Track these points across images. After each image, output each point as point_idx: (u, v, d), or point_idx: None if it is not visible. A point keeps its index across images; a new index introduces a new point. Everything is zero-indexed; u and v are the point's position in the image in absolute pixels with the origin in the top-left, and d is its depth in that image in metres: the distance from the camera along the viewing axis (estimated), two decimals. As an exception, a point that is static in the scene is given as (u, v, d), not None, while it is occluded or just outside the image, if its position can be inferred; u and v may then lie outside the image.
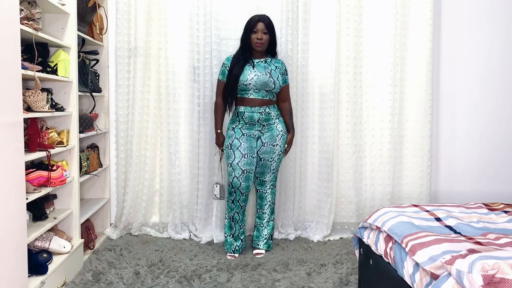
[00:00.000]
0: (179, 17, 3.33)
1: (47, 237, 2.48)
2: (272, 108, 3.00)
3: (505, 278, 1.31)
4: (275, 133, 2.98)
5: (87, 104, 3.28)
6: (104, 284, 2.51)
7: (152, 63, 3.36)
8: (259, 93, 2.93)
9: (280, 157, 3.05)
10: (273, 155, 3.00)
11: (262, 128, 2.98)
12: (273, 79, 2.94)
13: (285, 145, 3.03)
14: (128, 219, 3.40)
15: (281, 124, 3.02)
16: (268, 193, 3.09)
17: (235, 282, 2.56)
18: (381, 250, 2.05)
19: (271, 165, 3.03)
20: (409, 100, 3.43)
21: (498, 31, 3.52)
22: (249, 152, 2.95)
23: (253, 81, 2.90)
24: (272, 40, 2.99)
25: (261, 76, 2.91)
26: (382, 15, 3.37)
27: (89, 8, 2.98)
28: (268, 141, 2.98)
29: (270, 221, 3.12)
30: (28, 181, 2.24)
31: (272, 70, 2.96)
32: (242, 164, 2.92)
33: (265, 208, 3.10)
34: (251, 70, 2.93)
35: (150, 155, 3.39)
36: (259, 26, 2.91)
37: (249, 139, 2.96)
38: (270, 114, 2.97)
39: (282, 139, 3.00)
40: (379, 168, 3.46)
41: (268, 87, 2.92)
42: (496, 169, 3.59)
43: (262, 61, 2.99)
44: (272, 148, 2.98)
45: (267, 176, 3.06)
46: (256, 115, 2.94)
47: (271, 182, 3.09)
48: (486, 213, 2.19)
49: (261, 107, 2.95)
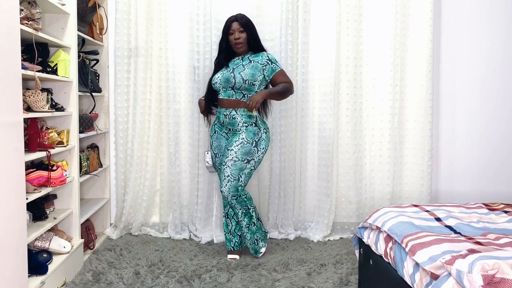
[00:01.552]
0: (179, 17, 3.33)
1: (47, 237, 2.48)
2: (240, 112, 2.85)
3: (505, 278, 1.31)
4: (235, 138, 2.85)
5: (87, 104, 3.28)
6: (104, 284, 2.51)
7: (153, 63, 3.36)
8: (226, 92, 2.89)
9: (236, 163, 2.79)
10: (226, 160, 2.83)
11: (228, 131, 2.93)
12: (234, 74, 2.83)
13: (244, 155, 2.80)
14: (128, 219, 3.40)
15: (246, 133, 2.83)
16: (234, 203, 2.85)
17: (235, 282, 2.56)
18: (381, 250, 2.05)
19: (224, 170, 2.82)
20: (409, 100, 3.43)
21: (498, 31, 3.52)
22: (219, 151, 2.98)
23: (218, 80, 2.89)
24: (251, 38, 2.92)
25: (225, 73, 2.88)
26: (382, 15, 3.37)
27: (89, 8, 2.98)
28: (227, 145, 2.89)
29: (250, 225, 2.93)
30: (28, 181, 2.24)
31: (241, 65, 2.88)
32: (218, 163, 3.00)
33: (239, 216, 2.90)
34: (222, 70, 2.93)
35: (151, 155, 3.40)
36: (234, 27, 2.89)
37: (219, 137, 2.97)
38: (235, 119, 2.86)
39: (240, 146, 2.80)
40: (379, 168, 3.46)
41: (230, 83, 2.85)
42: (496, 169, 3.59)
43: (238, 59, 2.95)
44: (226, 151, 2.85)
45: (223, 184, 2.82)
46: (222, 116, 2.92)
47: (230, 192, 2.80)
48: (486, 213, 2.19)
49: (227, 109, 2.89)
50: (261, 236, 3.00)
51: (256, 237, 2.97)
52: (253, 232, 2.96)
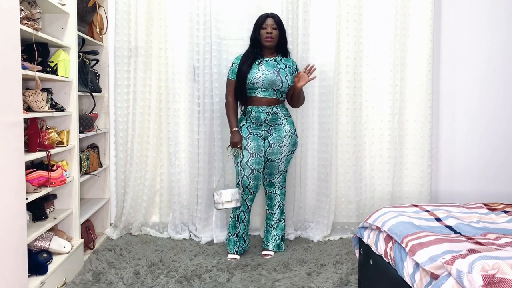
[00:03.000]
0: (179, 17, 3.33)
1: (47, 237, 2.48)
2: (280, 107, 2.98)
3: (505, 278, 1.31)
4: (282, 133, 2.96)
5: (87, 104, 3.28)
6: (104, 284, 2.51)
7: (152, 63, 3.36)
8: (266, 92, 2.92)
9: (289, 157, 3.01)
10: (280, 156, 2.98)
11: (269, 128, 2.96)
12: (281, 78, 2.92)
13: (293, 146, 3.00)
14: (128, 219, 3.40)
15: (289, 124, 2.98)
16: (277, 193, 3.07)
17: (235, 282, 2.56)
18: (381, 250, 2.05)
19: (279, 167, 3.00)
20: (409, 100, 3.43)
21: (498, 31, 3.52)
22: (257, 151, 2.94)
23: (260, 80, 2.89)
24: (282, 38, 2.98)
25: (268, 75, 2.90)
26: (382, 15, 3.37)
27: (89, 8, 2.98)
28: (275, 142, 2.96)
29: (280, 222, 3.09)
30: (28, 181, 2.24)
31: (281, 69, 2.94)
32: (251, 163, 2.92)
33: (274, 209, 3.08)
34: (259, 68, 2.92)
35: (151, 155, 3.40)
36: (268, 22, 2.92)
37: (256, 138, 2.95)
38: (277, 114, 2.95)
39: (289, 140, 2.97)
40: (379, 168, 3.46)
41: (276, 86, 2.91)
42: (496, 169, 3.59)
43: (271, 60, 2.98)
44: (279, 149, 2.96)
45: (276, 177, 3.04)
46: (262, 115, 2.93)
47: (280, 183, 3.06)
48: (486, 213, 2.19)
49: (268, 107, 2.93)
50: (283, 233, 3.12)
51: (282, 234, 3.09)
52: (282, 228, 3.10)
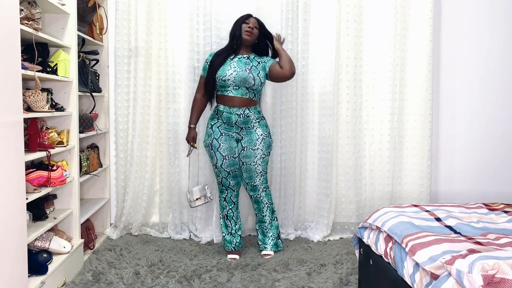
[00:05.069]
0: (179, 17, 3.32)
1: (47, 237, 2.48)
2: (253, 110, 2.91)
3: (505, 278, 1.31)
4: (254, 137, 2.91)
5: (87, 104, 3.28)
6: (104, 284, 2.51)
7: (152, 63, 3.36)
8: (238, 91, 2.87)
9: (265, 159, 2.95)
10: (255, 159, 2.92)
11: (240, 131, 2.92)
12: (253, 75, 2.85)
13: (267, 148, 2.95)
14: (128, 219, 3.40)
15: (261, 128, 2.93)
16: (263, 196, 3.00)
17: (235, 282, 2.56)
18: (381, 250, 2.06)
19: (256, 169, 2.93)
20: (409, 100, 3.43)
21: (498, 31, 3.52)
22: (230, 153, 2.92)
23: (231, 77, 2.85)
24: (261, 41, 2.98)
25: (240, 72, 2.86)
26: (382, 15, 3.37)
27: (89, 8, 2.98)
28: (248, 145, 2.91)
29: (273, 221, 3.07)
30: (28, 181, 2.24)
31: (253, 66, 2.90)
32: (226, 166, 2.92)
33: (264, 211, 3.03)
34: (231, 65, 2.89)
35: (151, 155, 3.40)
36: (251, 20, 2.93)
37: (228, 139, 2.92)
38: (249, 117, 2.89)
39: (263, 143, 2.92)
40: (379, 168, 3.46)
41: (248, 83, 2.85)
42: (496, 169, 3.59)
43: (244, 57, 2.94)
44: (253, 152, 2.91)
45: (257, 180, 2.95)
46: (234, 116, 2.88)
47: (262, 185, 2.98)
48: (486, 213, 2.19)
49: (240, 108, 2.88)
50: (278, 231, 3.10)
51: (278, 232, 3.08)
52: (276, 227, 3.07)
